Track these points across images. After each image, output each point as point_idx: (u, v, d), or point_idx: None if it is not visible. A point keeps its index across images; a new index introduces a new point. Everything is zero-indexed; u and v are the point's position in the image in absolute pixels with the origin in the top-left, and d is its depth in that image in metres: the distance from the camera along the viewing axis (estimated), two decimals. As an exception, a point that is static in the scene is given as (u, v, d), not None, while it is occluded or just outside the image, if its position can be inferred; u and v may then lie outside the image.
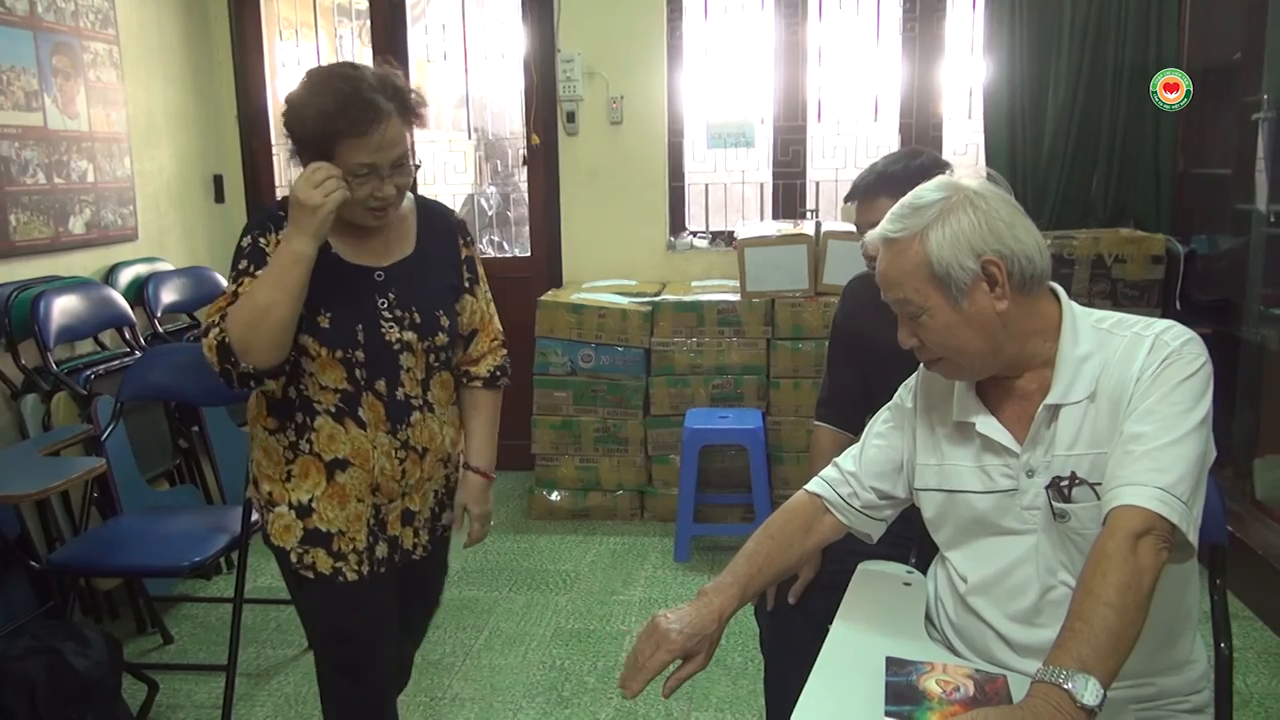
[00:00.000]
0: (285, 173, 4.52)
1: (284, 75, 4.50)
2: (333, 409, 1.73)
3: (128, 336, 3.42)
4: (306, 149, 1.64)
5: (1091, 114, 3.76)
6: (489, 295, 1.93)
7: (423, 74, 4.58)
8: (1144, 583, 1.15)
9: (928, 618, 1.51)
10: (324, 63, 4.43)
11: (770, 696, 1.96)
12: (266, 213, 1.76)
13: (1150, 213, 3.79)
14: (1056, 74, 3.76)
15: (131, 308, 3.48)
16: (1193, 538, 1.22)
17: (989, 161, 3.88)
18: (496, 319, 1.94)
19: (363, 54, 4.48)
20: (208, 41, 4.31)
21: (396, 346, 1.74)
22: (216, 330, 1.63)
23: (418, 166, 1.74)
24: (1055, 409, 1.33)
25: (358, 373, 1.72)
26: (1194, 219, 3.80)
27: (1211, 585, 1.57)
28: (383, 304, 1.73)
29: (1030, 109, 3.81)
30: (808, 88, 4.20)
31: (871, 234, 1.40)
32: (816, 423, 2.20)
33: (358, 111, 1.59)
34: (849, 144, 4.26)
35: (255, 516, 1.87)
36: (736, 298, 3.77)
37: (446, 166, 4.57)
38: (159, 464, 3.38)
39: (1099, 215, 3.83)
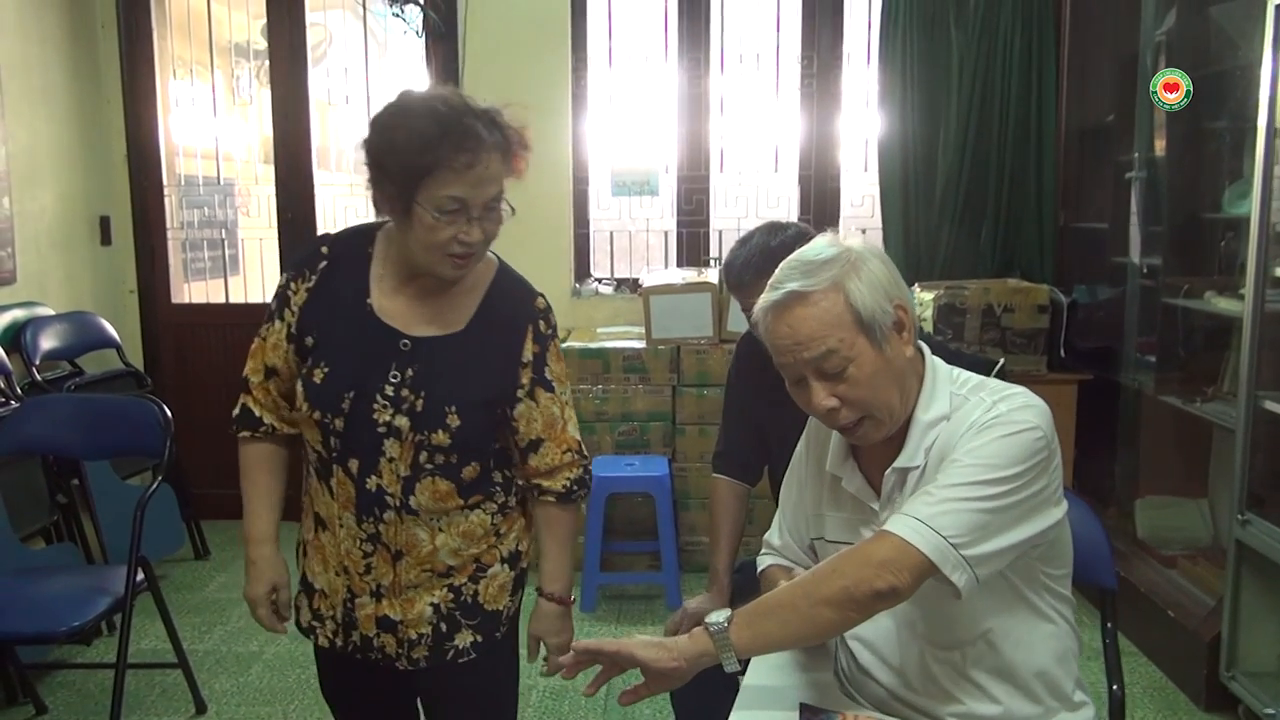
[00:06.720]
0: (178, 214, 4.37)
1: (177, 114, 4.37)
2: (314, 466, 1.59)
3: (2, 386, 3.23)
4: (390, 180, 1.43)
5: (979, 170, 3.93)
6: (566, 400, 1.66)
7: (324, 117, 4.51)
8: (853, 595, 1.22)
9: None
10: (219, 102, 4.40)
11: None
12: (313, 248, 1.59)
13: (1035, 264, 3.97)
14: (946, 131, 3.92)
15: (7, 354, 3.30)
16: (955, 577, 1.21)
17: (884, 213, 4.02)
18: (572, 427, 1.66)
19: (261, 95, 4.39)
20: (96, 79, 4.16)
21: (381, 429, 1.49)
22: (245, 404, 1.63)
23: (512, 212, 1.51)
24: (904, 472, 1.36)
25: (332, 441, 1.52)
26: (1075, 270, 3.99)
27: (1103, 629, 1.63)
28: (394, 378, 1.50)
29: (922, 164, 3.96)
30: (710, 138, 4.28)
31: (766, 298, 1.35)
32: (715, 475, 2.23)
33: (458, 139, 1.39)
34: (750, 194, 4.34)
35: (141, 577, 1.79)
36: (642, 344, 3.79)
37: (349, 210, 4.48)
38: (34, 521, 3.19)
39: (988, 266, 3.98)
